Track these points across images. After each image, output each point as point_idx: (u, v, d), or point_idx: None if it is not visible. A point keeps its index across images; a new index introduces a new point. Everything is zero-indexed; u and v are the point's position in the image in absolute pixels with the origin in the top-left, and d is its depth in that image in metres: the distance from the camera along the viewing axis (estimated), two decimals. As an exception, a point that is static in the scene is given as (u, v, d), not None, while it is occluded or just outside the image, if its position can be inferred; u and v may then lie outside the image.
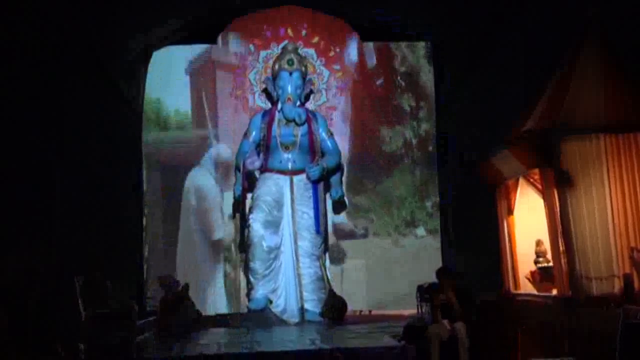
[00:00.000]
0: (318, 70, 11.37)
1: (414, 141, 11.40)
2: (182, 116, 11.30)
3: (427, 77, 11.53)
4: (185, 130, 11.30)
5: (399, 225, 11.15)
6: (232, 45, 11.43)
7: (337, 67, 11.50)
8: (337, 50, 11.56)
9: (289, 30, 11.47)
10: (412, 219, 11.19)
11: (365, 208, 11.15)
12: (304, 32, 11.48)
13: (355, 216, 11.13)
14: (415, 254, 10.93)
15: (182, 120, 11.31)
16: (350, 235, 11.11)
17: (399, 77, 11.52)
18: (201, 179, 11.11)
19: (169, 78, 11.32)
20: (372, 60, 11.58)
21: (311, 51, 11.40)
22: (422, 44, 11.67)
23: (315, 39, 11.50)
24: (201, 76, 11.38)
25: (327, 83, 11.39)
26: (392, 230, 11.13)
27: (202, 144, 11.23)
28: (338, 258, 10.88)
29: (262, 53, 11.33)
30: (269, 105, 10.98)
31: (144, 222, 11.03)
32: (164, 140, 11.21)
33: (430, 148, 11.27)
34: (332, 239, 10.80)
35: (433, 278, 7.55)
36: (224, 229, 10.93)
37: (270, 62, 10.88)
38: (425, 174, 11.27)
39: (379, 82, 11.51)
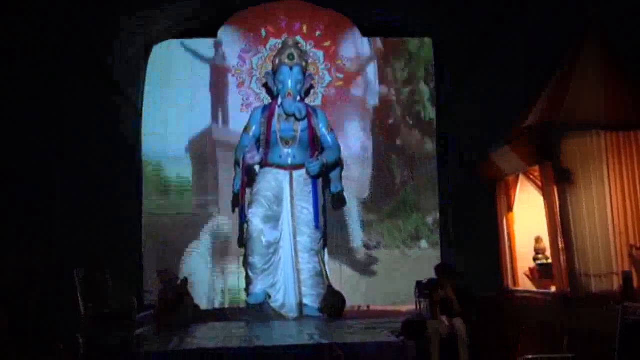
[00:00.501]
0: (321, 75, 11.44)
1: (419, 166, 11.62)
2: (183, 193, 11.31)
3: (431, 114, 11.71)
4: (185, 206, 11.30)
5: (406, 239, 11.45)
6: (234, 38, 11.51)
7: (341, 75, 11.58)
8: (345, 58, 11.65)
9: (305, 27, 11.56)
10: (416, 233, 11.47)
11: (378, 224, 11.43)
12: (318, 32, 11.57)
13: (369, 231, 11.39)
14: (416, 259, 11.34)
15: (183, 197, 11.32)
16: (366, 247, 11.41)
17: (408, 117, 11.75)
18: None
19: (168, 78, 11.37)
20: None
21: (320, 53, 11.51)
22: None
23: (328, 43, 11.59)
24: (202, 154, 11.42)
25: (327, 88, 11.48)
26: (400, 243, 11.43)
27: (203, 220, 11.21)
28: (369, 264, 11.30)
29: (272, 41, 11.40)
30: (264, 92, 11.12)
31: (143, 222, 11.07)
32: (164, 213, 11.25)
33: (431, 172, 11.57)
34: (364, 253, 11.26)
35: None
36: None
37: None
38: (428, 195, 11.56)
39: (390, 121, 11.76)
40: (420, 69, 11.73)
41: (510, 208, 8.49)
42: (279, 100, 10.35)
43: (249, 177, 10.31)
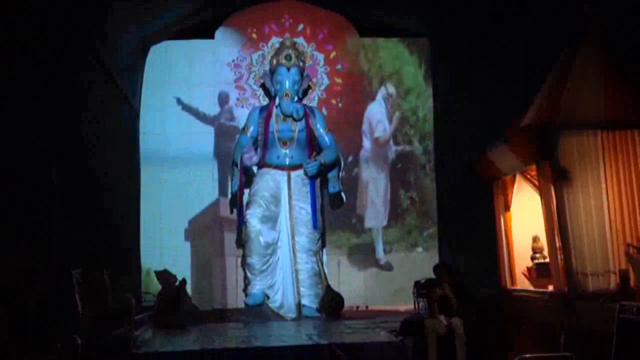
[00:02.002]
0: (319, 77, 11.65)
1: (417, 199, 12.18)
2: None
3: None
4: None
5: (408, 247, 12.05)
6: (233, 36, 11.54)
7: (339, 80, 11.80)
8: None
9: (308, 30, 11.81)
10: (415, 243, 12.08)
11: (391, 237, 12.06)
12: (321, 35, 11.79)
13: (385, 243, 12.03)
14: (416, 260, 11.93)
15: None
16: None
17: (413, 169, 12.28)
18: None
19: (167, 78, 11.41)
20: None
21: (321, 56, 11.68)
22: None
23: (329, 46, 11.77)
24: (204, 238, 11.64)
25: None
26: (404, 249, 12.05)
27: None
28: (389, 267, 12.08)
29: (274, 39, 11.59)
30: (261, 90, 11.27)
31: (141, 220, 11.08)
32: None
33: (429, 202, 12.21)
34: (386, 258, 12.11)
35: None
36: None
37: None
38: (425, 217, 12.18)
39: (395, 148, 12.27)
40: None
41: (507, 207, 8.49)
42: (277, 101, 10.32)
43: (247, 178, 10.29)
